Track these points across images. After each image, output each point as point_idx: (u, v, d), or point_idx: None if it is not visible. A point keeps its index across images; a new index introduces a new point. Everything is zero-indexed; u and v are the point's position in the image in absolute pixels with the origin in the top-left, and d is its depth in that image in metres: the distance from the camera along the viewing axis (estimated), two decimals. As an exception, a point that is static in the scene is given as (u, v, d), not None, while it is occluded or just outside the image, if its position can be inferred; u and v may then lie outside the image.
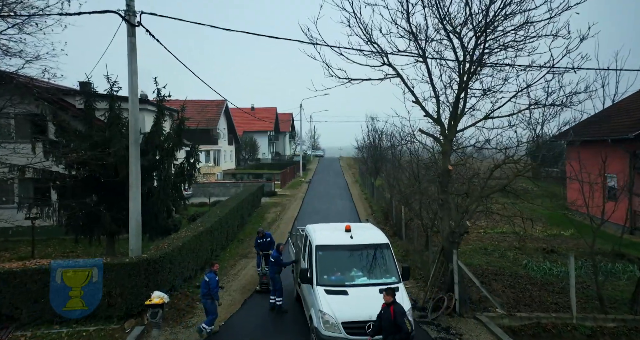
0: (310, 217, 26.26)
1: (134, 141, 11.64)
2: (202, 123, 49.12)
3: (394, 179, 25.61)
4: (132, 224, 11.54)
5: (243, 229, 22.90)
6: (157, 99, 16.98)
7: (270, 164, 65.99)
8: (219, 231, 17.28)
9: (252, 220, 25.78)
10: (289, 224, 24.38)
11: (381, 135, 32.93)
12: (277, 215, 27.61)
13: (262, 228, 16.02)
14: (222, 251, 17.95)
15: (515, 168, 11.58)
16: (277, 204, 32.29)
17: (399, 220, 21.81)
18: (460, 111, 10.73)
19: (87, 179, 14.76)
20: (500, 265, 15.76)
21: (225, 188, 37.14)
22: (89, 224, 14.87)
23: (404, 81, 11.06)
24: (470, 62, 10.07)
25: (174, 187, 16.87)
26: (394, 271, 9.72)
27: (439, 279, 12.36)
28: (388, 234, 22.71)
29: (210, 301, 10.11)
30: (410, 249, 17.71)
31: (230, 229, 19.54)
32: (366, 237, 10.36)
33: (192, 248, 13.61)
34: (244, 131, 68.60)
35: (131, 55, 11.42)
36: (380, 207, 28.67)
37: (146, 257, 10.92)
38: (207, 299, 10.12)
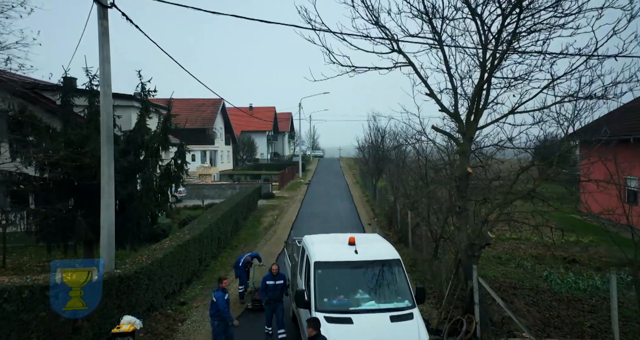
0: (309, 221, 24.79)
1: (107, 140, 10.16)
2: (198, 122, 47.71)
3: (398, 181, 24.16)
4: (104, 234, 10.05)
5: (237, 235, 21.42)
6: (141, 94, 15.48)
7: (269, 165, 64.53)
8: (209, 239, 15.81)
9: (248, 225, 24.30)
10: (287, 229, 22.91)
11: (384, 135, 31.48)
12: (274, 219, 26.13)
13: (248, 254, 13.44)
14: (212, 260, 16.47)
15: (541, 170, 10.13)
16: (274, 207, 30.82)
17: (404, 226, 20.33)
18: (482, 105, 9.26)
19: (62, 182, 13.30)
20: (518, 278, 14.29)
21: (221, 190, 35.67)
22: (63, 232, 13.38)
23: (416, 70, 9.60)
24: (496, 46, 8.59)
25: (160, 190, 15.40)
26: (406, 293, 8.24)
27: (454, 296, 10.89)
28: (392, 240, 21.26)
29: (218, 322, 8.77)
30: (419, 259, 16.22)
31: (222, 235, 18.06)
32: (373, 252, 8.87)
33: (176, 260, 12.13)
34: (241, 131, 67.15)
35: (103, 40, 9.93)
36: (383, 210, 27.19)
37: (119, 274, 9.45)
38: (216, 319, 8.80)
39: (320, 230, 22.25)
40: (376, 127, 32.85)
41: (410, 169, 19.60)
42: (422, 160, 17.26)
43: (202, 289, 13.49)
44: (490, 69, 8.94)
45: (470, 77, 9.69)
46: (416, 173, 18.87)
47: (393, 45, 9.52)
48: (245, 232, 22.44)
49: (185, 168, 16.12)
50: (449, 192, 15.55)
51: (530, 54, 8.71)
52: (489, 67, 8.96)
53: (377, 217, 26.37)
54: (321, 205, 31.02)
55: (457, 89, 9.54)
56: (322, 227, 23.22)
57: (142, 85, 15.38)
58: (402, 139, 26.04)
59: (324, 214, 27.28)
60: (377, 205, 30.13)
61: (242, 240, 20.53)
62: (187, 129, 48.22)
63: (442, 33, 9.05)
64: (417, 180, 19.00)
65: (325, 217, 26.21)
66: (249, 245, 19.60)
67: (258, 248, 19.08)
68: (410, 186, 20.88)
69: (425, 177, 17.20)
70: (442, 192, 17.74)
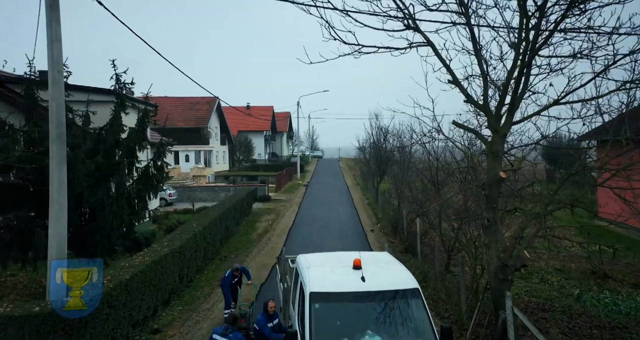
0: (307, 227, 22.95)
1: (57, 137, 8.35)
2: (192, 121, 45.89)
3: (402, 184, 22.36)
4: (52, 253, 8.22)
5: (228, 243, 19.57)
6: (116, 87, 13.64)
7: (267, 165, 62.67)
8: (193, 250, 13.97)
9: (241, 231, 22.46)
10: (282, 236, 21.07)
11: (386, 134, 29.65)
12: (270, 224, 24.28)
13: (237, 264, 11.58)
14: (197, 275, 14.62)
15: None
16: (270, 211, 28.96)
17: (411, 234, 18.51)
18: (520, 94, 7.44)
19: (18, 186, 11.47)
20: (545, 296, 12.47)
21: (214, 192, 33.82)
22: (19, 245, 11.54)
23: (437, 51, 7.79)
24: (540, 18, 6.76)
25: (137, 195, 13.56)
26: (428, 333, 6.40)
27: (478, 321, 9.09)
28: (398, 249, 19.46)
29: None
30: (430, 273, 14.38)
31: (210, 245, 16.21)
32: (385, 279, 7.00)
33: (148, 279, 10.29)
34: (238, 131, 65.29)
35: (51, 15, 8.10)
36: (386, 214, 25.36)
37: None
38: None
39: (319, 237, 20.48)
40: (378, 126, 31.06)
41: (419, 171, 17.75)
42: (432, 162, 15.43)
43: (182, 311, 11.63)
44: (531, 48, 7.11)
45: (502, 61, 7.88)
46: (425, 176, 17.05)
47: (408, 21, 7.70)
48: (237, 239, 20.60)
49: (166, 170, 14.28)
50: (465, 197, 13.77)
51: (586, 30, 6.87)
52: (530, 47, 7.13)
53: (380, 222, 24.54)
54: (320, 209, 29.17)
55: (487, 75, 7.72)
56: (321, 234, 21.39)
57: (117, 76, 13.57)
58: (408, 138, 24.25)
59: (323, 219, 25.44)
60: (379, 209, 28.30)
61: (233, 249, 18.69)
62: (180, 129, 46.49)
63: (470, 3, 7.23)
64: (426, 184, 17.18)
65: (325, 222, 24.37)
66: (240, 256, 17.77)
67: (250, 259, 17.26)
68: (417, 190, 19.09)
69: (435, 181, 15.38)
70: (456, 197, 15.96)
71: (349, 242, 19.66)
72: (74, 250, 12.78)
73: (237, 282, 10.45)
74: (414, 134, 18.16)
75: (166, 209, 28.41)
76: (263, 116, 66.98)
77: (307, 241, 19.94)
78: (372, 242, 19.99)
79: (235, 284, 10.40)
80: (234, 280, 10.35)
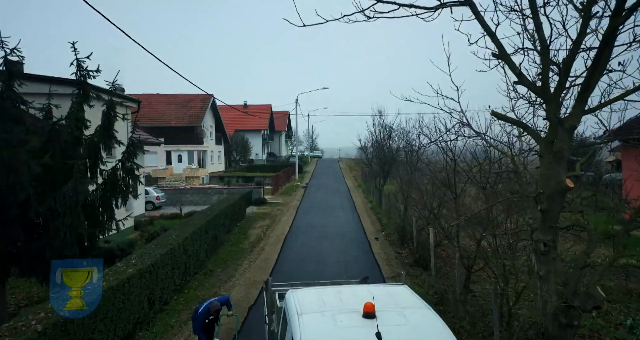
0: (305, 236, 20.82)
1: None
2: (185, 120, 43.82)
3: (409, 186, 20.24)
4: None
5: (216, 254, 17.45)
6: (77, 75, 11.50)
7: (264, 166, 60.55)
8: (169, 267, 11.86)
9: (232, 239, 20.33)
10: (277, 246, 18.94)
11: (391, 132, 27.52)
12: (264, 231, 22.16)
13: (217, 300, 8.64)
14: (175, 295, 12.49)
15: None
16: (265, 216, 26.84)
17: (421, 244, 16.40)
18: (598, 71, 5.32)
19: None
20: (589, 325, 10.36)
21: (206, 195, 31.70)
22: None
23: (477, 13, 5.67)
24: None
25: (102, 203, 11.43)
26: None
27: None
28: (406, 261, 17.35)
29: None
30: (448, 292, 12.26)
31: (192, 258, 14.10)
32: (411, 335, 4.86)
33: (102, 311, 8.17)
34: (235, 130, 63.21)
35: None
36: (391, 220, 23.24)
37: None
38: None
39: (318, 247, 18.28)
40: (382, 124, 28.91)
41: (432, 173, 15.61)
42: (449, 163, 13.29)
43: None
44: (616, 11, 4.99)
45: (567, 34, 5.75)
46: (438, 178, 14.91)
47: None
48: (226, 249, 18.47)
49: (138, 174, 12.13)
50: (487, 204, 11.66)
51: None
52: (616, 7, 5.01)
53: (384, 229, 22.42)
54: (319, 214, 27.05)
55: (548, 47, 5.60)
56: (320, 243, 19.26)
57: (78, 62, 11.40)
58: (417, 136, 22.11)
59: (323, 225, 23.31)
60: (383, 214, 26.19)
61: (221, 262, 16.55)
62: (172, 127, 44.34)
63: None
64: (439, 187, 15.05)
65: (324, 230, 22.25)
66: (229, 269, 15.66)
67: (239, 273, 15.14)
68: (428, 193, 16.97)
69: (453, 185, 13.23)
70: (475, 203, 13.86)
71: (352, 254, 17.55)
72: (23, 272, 10.70)
73: (212, 320, 8.28)
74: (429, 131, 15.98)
75: (152, 213, 26.29)
76: (261, 115, 64.91)
77: (304, 252, 17.83)
78: (377, 252, 17.88)
79: (210, 322, 8.24)
80: (208, 319, 8.18)
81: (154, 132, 44.01)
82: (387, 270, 15.45)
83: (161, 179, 40.65)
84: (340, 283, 8.70)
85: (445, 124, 13.29)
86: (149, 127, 43.31)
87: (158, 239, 13.38)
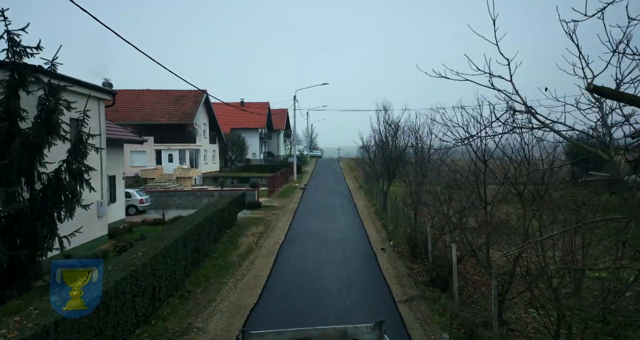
0: (302, 245, 18.35)
1: None
2: (176, 117, 41.33)
3: (420, 190, 17.81)
4: None
5: (198, 269, 14.99)
6: (9, 52, 9.07)
7: (261, 166, 58.06)
8: (129, 294, 9.40)
9: (219, 250, 17.88)
10: (270, 258, 16.47)
11: (397, 130, 25.04)
12: (256, 240, 19.71)
13: None
14: (137, 329, 9.99)
15: None
16: (259, 221, 24.39)
17: (439, 260, 13.91)
18: None
19: None
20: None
21: (195, 198, 29.23)
22: None
23: None
24: None
25: (39, 215, 8.97)
26: None
27: None
28: (420, 279, 14.89)
29: None
30: (478, 324, 9.77)
31: (164, 279, 11.63)
32: None
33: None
34: (231, 128, 60.81)
35: None
36: (398, 226, 20.78)
37: None
38: None
39: (316, 261, 15.53)
40: (386, 121, 26.44)
41: (453, 177, 13.16)
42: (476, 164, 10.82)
43: None
44: None
45: None
46: (463, 182, 12.46)
47: None
48: (211, 263, 16.01)
49: (88, 177, 9.67)
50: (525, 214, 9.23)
51: None
52: None
53: (392, 237, 19.97)
54: (318, 219, 24.60)
55: None
56: (319, 255, 16.80)
57: (10, 35, 8.97)
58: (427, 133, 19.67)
59: (322, 233, 20.87)
60: (389, 219, 23.74)
61: (203, 279, 14.09)
62: (162, 125, 41.83)
63: None
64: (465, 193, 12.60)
65: (323, 238, 19.80)
66: (210, 289, 13.22)
67: (222, 296, 12.70)
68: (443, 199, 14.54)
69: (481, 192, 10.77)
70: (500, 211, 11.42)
71: (356, 269, 15.10)
72: None
73: None
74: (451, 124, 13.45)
75: (134, 219, 23.83)
76: (258, 112, 62.48)
77: (300, 267, 15.38)
78: (384, 267, 15.43)
79: None
80: None
81: (143, 130, 41.59)
82: (398, 291, 13.00)
83: (150, 180, 38.20)
84: (346, 329, 6.48)
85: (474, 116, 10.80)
86: (137, 124, 40.90)
87: (118, 258, 10.87)
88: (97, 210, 17.59)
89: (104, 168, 18.14)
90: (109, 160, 21.42)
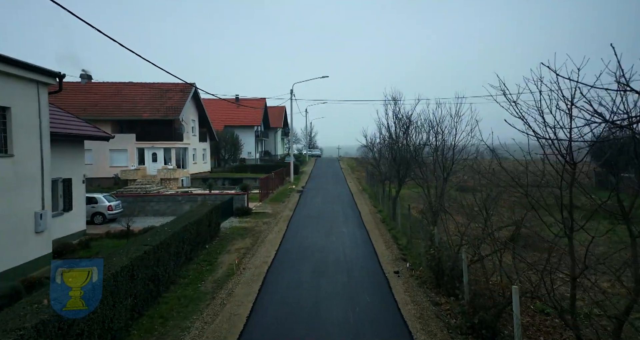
0: (295, 268, 14.49)
1: None
2: (161, 112, 37.58)
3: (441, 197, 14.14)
4: None
5: (156, 305, 11.25)
6: None
7: (257, 166, 54.32)
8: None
9: (190, 274, 14.18)
10: (254, 286, 12.72)
11: (409, 124, 21.31)
12: (239, 259, 15.99)
13: None
14: None
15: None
16: (247, 232, 20.68)
17: (481, 298, 10.17)
18: None
19: None
20: None
21: (175, 203, 25.50)
22: None
23: None
24: None
25: None
26: None
27: None
28: (452, 322, 11.00)
29: None
30: None
31: (91, 333, 7.91)
32: None
33: None
34: (225, 125, 57.14)
35: None
36: (415, 240, 17.07)
37: None
38: None
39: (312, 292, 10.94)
40: (396, 115, 22.67)
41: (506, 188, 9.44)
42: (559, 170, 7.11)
43: None
44: None
45: None
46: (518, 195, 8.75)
47: None
48: (176, 294, 12.29)
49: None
50: None
51: None
52: None
53: (406, 255, 16.27)
54: (316, 232, 20.88)
55: None
56: (316, 284, 13.01)
57: None
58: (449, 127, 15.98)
59: (320, 251, 17.15)
60: (400, 230, 20.03)
61: (159, 323, 10.36)
62: (145, 120, 37.91)
63: None
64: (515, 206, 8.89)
65: (322, 258, 16.09)
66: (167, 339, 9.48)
67: (178, 354, 8.95)
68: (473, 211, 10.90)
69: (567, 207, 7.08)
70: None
71: (364, 304, 11.37)
72: None
73: None
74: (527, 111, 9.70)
75: (97, 230, 20.12)
76: (254, 110, 58.77)
77: (292, 300, 11.67)
78: (401, 300, 11.74)
79: None
80: None
81: (125, 126, 37.82)
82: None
83: (132, 182, 34.48)
84: None
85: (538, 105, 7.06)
86: (118, 119, 37.17)
87: (8, 310, 7.12)
88: (35, 223, 13.89)
89: (46, 169, 14.43)
90: (63, 160, 17.71)
